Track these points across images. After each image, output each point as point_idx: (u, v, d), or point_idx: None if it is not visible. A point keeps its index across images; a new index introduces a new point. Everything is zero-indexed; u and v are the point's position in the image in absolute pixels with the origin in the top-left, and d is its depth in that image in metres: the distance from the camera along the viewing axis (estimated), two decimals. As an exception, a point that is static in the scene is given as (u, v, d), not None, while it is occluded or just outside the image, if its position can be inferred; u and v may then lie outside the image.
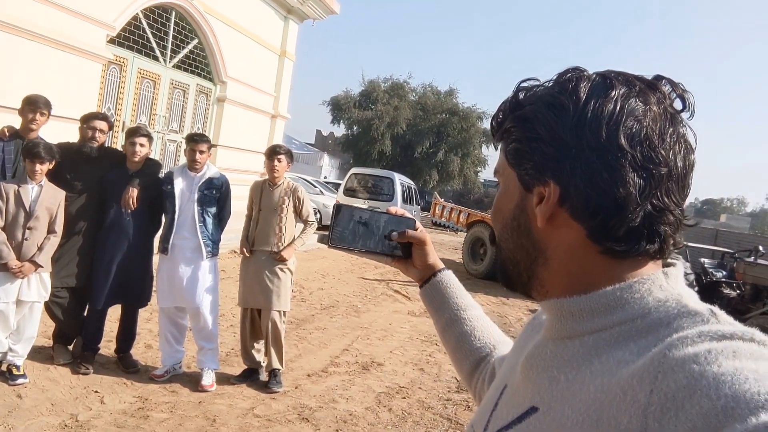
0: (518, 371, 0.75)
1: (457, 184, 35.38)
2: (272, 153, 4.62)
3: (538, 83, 0.72)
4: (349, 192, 14.11)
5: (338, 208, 1.02)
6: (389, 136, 32.94)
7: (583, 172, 0.64)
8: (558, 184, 0.66)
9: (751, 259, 8.44)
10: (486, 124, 35.39)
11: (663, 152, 0.63)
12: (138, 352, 4.72)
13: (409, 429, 4.11)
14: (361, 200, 13.82)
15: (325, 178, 31.01)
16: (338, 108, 34.95)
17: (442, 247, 18.46)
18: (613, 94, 0.64)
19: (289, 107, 13.33)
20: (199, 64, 10.24)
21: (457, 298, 1.15)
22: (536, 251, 0.71)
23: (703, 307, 0.60)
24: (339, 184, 19.60)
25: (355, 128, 34.57)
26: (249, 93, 11.59)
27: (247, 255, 4.62)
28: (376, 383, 4.92)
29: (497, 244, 0.78)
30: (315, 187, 17.20)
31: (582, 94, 0.65)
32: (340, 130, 37.94)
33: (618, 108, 0.63)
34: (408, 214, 1.09)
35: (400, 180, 14.43)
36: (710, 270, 8.66)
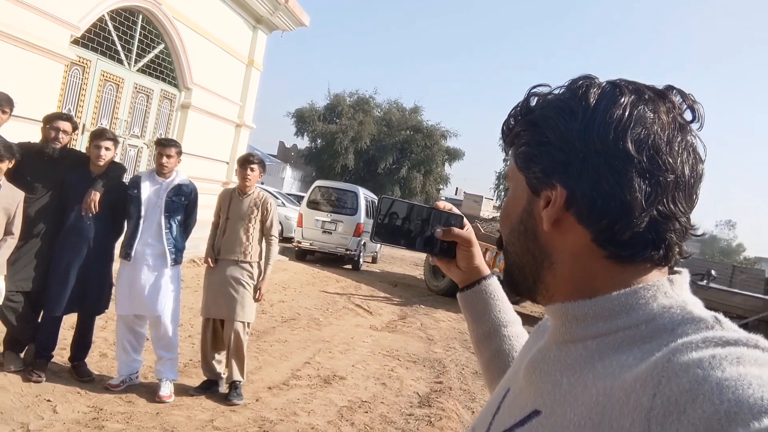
0: (521, 375, 0.75)
1: (419, 200, 35.58)
2: (245, 162, 4.57)
3: (549, 89, 0.73)
4: (313, 204, 14.02)
5: (383, 201, 0.98)
6: (353, 150, 33.01)
7: (590, 177, 0.65)
8: (565, 188, 0.66)
9: (704, 282, 8.70)
10: (449, 143, 35.87)
11: (670, 159, 0.64)
12: (92, 360, 4.57)
13: (371, 443, 4.08)
14: (324, 213, 13.76)
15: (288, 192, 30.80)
16: (302, 120, 34.88)
17: (403, 262, 18.52)
18: (622, 100, 0.65)
19: (254, 117, 13.23)
20: (165, 69, 10.08)
21: (500, 311, 1.09)
22: (542, 255, 0.71)
23: (708, 314, 0.61)
24: (301, 197, 19.50)
25: (318, 141, 34.52)
26: (214, 101, 11.46)
27: (212, 265, 4.55)
28: (338, 397, 4.88)
29: (504, 248, 0.78)
30: (277, 198, 17.06)
31: (591, 100, 0.67)
32: (303, 143, 37.85)
33: (626, 114, 0.64)
34: (456, 210, 1.04)
35: (364, 194, 14.42)
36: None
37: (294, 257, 13.69)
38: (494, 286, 1.10)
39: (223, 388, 4.54)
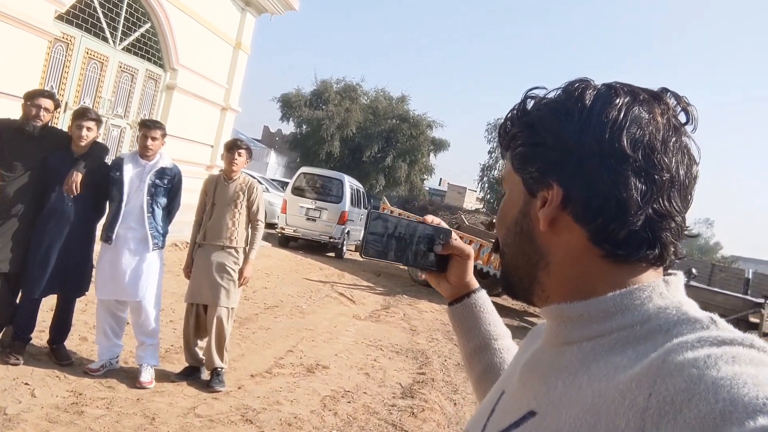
0: (516, 378, 0.75)
1: (404, 190, 35.55)
2: (233, 146, 4.49)
3: (545, 92, 0.74)
4: (297, 191, 13.91)
5: (371, 215, 0.95)
6: (339, 137, 32.80)
7: (586, 176, 0.65)
8: (561, 187, 0.67)
9: (685, 280, 8.79)
10: (435, 133, 35.80)
11: (666, 159, 0.65)
12: (72, 344, 4.48)
13: (354, 434, 4.06)
14: (308, 200, 13.67)
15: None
16: (288, 105, 34.55)
17: (386, 251, 18.48)
18: (617, 101, 0.66)
19: (239, 101, 13.05)
20: (150, 48, 9.88)
21: (490, 324, 1.09)
22: (538, 255, 0.71)
23: (704, 315, 0.61)
24: (285, 182, 19.36)
25: (304, 127, 34.24)
26: (200, 83, 11.27)
27: (187, 277, 4.53)
28: (321, 386, 4.84)
29: (500, 251, 0.78)
30: (261, 183, 16.88)
31: (587, 101, 0.68)
32: (288, 128, 37.55)
33: (622, 115, 0.65)
34: (444, 224, 1.03)
35: (349, 182, 14.34)
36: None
37: (277, 244, 13.60)
38: (483, 299, 1.09)
39: (205, 375, 4.48)
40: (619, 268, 0.66)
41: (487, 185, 42.59)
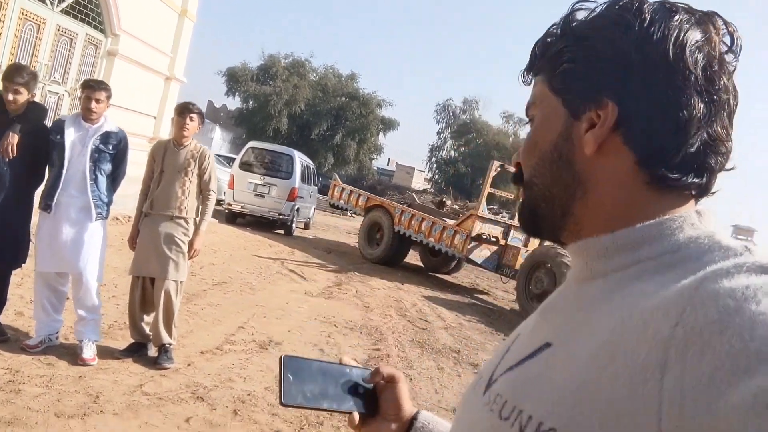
0: (533, 318, 0.72)
1: (353, 169, 35.41)
2: (184, 110, 4.25)
3: (594, 3, 0.68)
4: (246, 166, 13.53)
5: (284, 361, 0.84)
6: (286, 114, 32.30)
7: (647, 92, 0.61)
8: (618, 104, 0.62)
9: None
10: (385, 112, 35.71)
11: (725, 79, 0.62)
12: (7, 319, 4.19)
13: (311, 411, 3.94)
14: (257, 176, 13.32)
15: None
16: (234, 80, 33.72)
17: (337, 230, 18.37)
18: (676, 18, 0.63)
19: (184, 71, 12.56)
20: (91, 12, 9.32)
21: (445, 428, 0.90)
22: (576, 184, 0.66)
23: (738, 243, 0.57)
24: (231, 158, 18.86)
25: (251, 102, 33.55)
26: (143, 50, 10.74)
27: (132, 248, 4.32)
28: (274, 363, 4.70)
29: (526, 184, 0.72)
30: (208, 158, 16.40)
31: (646, 15, 0.63)
32: (234, 103, 36.75)
33: (683, 30, 0.62)
34: (362, 367, 0.91)
35: (300, 158, 14.06)
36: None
37: (224, 220, 13.25)
38: (430, 418, 0.91)
39: (152, 352, 4.28)
40: (661, 196, 0.63)
41: (435, 166, 42.91)
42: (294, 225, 13.89)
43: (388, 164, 54.25)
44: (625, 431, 0.49)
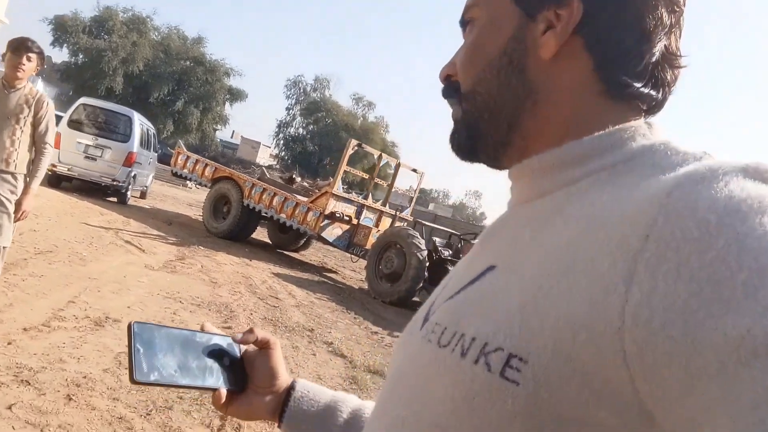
0: (469, 255, 0.66)
1: (194, 138, 33.61)
2: (21, 47, 3.57)
3: None
4: (75, 124, 12.06)
5: (134, 328, 0.70)
6: (122, 73, 29.79)
7: None
8: (583, 3, 0.56)
9: (476, 240, 9.48)
10: (233, 82, 34.31)
11: None
12: None
13: (158, 393, 3.56)
14: (89, 136, 11.97)
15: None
16: (63, 30, 30.29)
17: (176, 201, 17.30)
18: None
19: (6, 12, 10.93)
20: None
21: (328, 397, 0.82)
22: (526, 93, 0.60)
23: (695, 148, 0.53)
24: (58, 117, 16.87)
25: (81, 57, 30.39)
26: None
27: None
28: (113, 342, 4.20)
29: (465, 95, 0.64)
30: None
31: None
32: (61, 56, 33.04)
33: None
34: (226, 335, 0.79)
35: (139, 120, 12.86)
36: (440, 248, 9.49)
37: (46, 183, 11.79)
38: (309, 386, 0.83)
39: (-39, 329, 3.60)
40: (614, 107, 0.58)
41: (282, 142, 42.16)
42: (129, 193, 12.76)
43: (232, 137, 52.33)
44: (582, 348, 0.44)
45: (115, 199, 12.61)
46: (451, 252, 9.50)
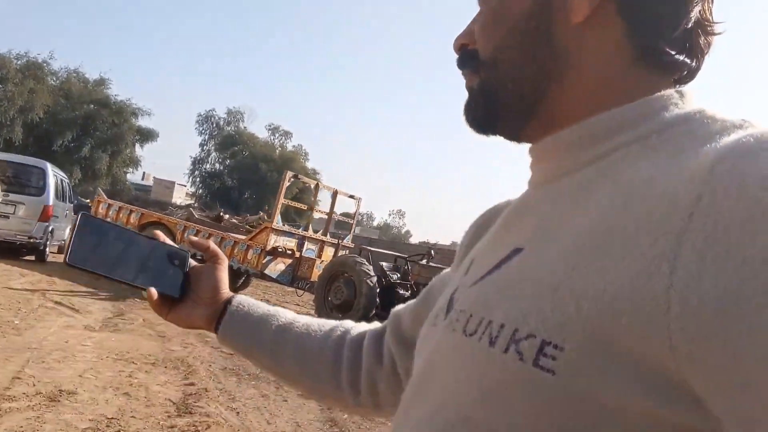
0: (489, 237, 0.63)
1: (105, 184, 32.02)
2: None
3: None
4: (-20, 182, 11.25)
5: (81, 218, 0.77)
6: (21, 122, 28.05)
7: None
8: None
9: (424, 261, 9.49)
10: (142, 122, 33.09)
11: None
12: None
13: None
14: (-2, 193, 11.16)
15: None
16: (-50, 81, 28.26)
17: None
18: None
19: None
20: None
21: (264, 310, 0.90)
22: (554, 59, 0.55)
23: (734, 116, 0.48)
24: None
25: (-27, 109, 28.41)
26: None
27: None
28: (75, 417, 3.85)
29: (485, 64, 0.59)
30: None
31: None
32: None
33: None
34: (178, 247, 0.85)
35: (53, 171, 12.11)
36: (388, 272, 9.43)
37: (-47, 247, 10.86)
38: (245, 300, 0.90)
39: None
40: (647, 76, 0.54)
41: (199, 179, 40.99)
42: (48, 249, 11.96)
43: (143, 179, 50.41)
44: (624, 333, 0.40)
45: (33, 258, 11.78)
46: (399, 275, 9.46)
